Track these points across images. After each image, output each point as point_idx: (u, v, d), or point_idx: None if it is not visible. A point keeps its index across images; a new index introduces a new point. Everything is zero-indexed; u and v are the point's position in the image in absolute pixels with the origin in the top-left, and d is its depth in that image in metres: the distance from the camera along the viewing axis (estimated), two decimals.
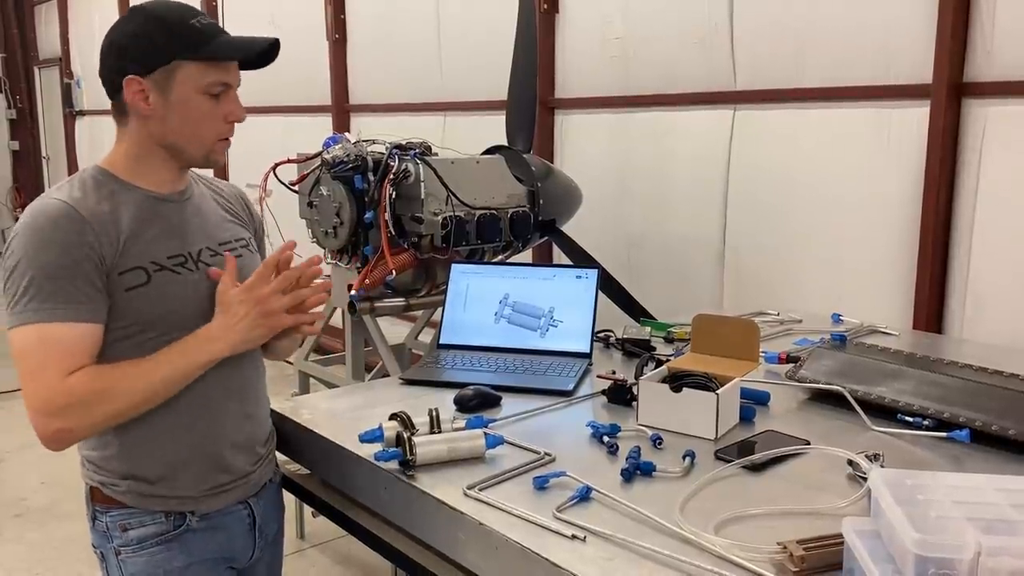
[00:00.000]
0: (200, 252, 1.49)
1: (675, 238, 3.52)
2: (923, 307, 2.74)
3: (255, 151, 3.17)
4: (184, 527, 1.49)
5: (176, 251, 1.46)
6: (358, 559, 3.28)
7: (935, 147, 2.67)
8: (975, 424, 1.57)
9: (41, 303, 1.33)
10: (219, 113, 1.44)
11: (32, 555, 3.35)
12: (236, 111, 1.46)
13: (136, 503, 1.48)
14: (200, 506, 1.51)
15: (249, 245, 1.62)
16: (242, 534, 1.58)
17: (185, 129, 1.43)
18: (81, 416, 1.35)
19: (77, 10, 8.97)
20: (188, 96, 1.40)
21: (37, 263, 1.34)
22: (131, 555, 1.48)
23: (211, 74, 1.41)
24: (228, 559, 1.57)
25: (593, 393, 1.85)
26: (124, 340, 1.41)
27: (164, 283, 1.42)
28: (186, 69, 1.39)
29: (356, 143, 2.79)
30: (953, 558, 0.92)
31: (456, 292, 2.19)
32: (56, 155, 9.96)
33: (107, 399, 1.35)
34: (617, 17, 3.61)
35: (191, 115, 1.41)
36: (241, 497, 1.57)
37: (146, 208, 1.45)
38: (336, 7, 5.16)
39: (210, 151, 1.47)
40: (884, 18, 2.79)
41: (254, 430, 1.59)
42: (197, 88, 1.40)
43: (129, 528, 1.48)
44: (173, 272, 1.44)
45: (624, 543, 1.19)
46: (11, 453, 4.33)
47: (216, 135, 1.45)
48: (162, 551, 1.48)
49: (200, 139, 1.44)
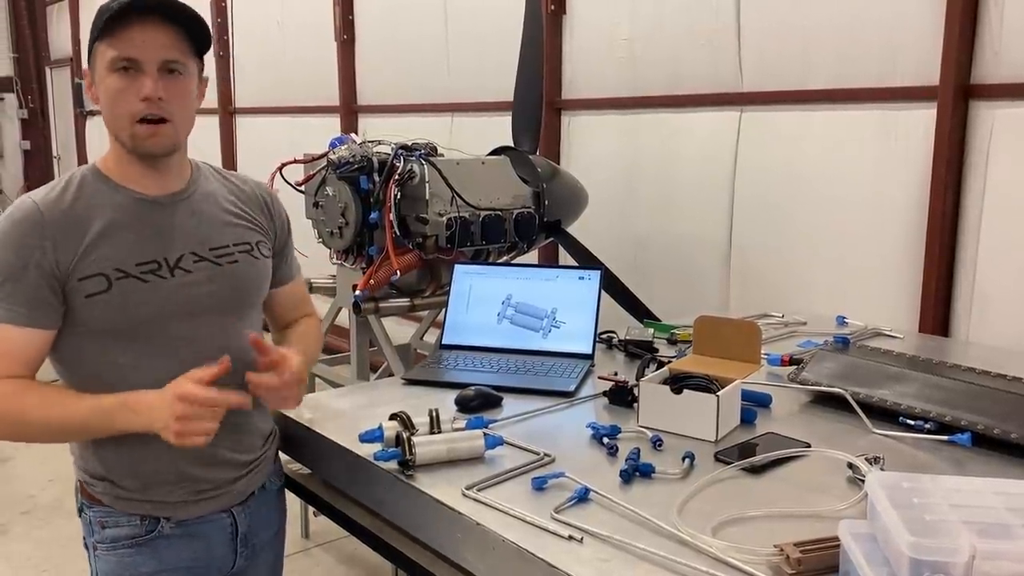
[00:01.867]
0: (181, 258, 1.46)
1: (681, 239, 3.51)
2: (929, 309, 2.73)
3: (262, 151, 3.19)
4: (156, 533, 1.48)
5: (149, 257, 1.43)
6: (362, 558, 3.29)
7: (942, 149, 2.66)
8: (977, 428, 1.56)
9: None
10: (131, 91, 1.38)
11: (39, 552, 3.37)
12: (145, 87, 1.37)
13: (112, 504, 1.48)
14: (177, 513, 1.49)
15: (253, 250, 1.56)
16: (222, 543, 1.55)
17: (106, 112, 1.42)
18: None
19: (88, 11, 9.01)
20: (103, 77, 1.40)
21: None
22: (104, 553, 1.49)
23: (111, 50, 1.37)
24: (204, 568, 1.54)
25: (594, 394, 1.85)
26: (91, 343, 1.42)
27: (127, 291, 1.40)
28: (98, 51, 1.40)
29: (362, 144, 2.80)
30: (948, 561, 0.91)
31: (459, 293, 2.19)
32: (67, 154, 10.03)
33: (15, 422, 1.37)
34: (624, 18, 3.61)
35: (105, 95, 1.40)
36: (224, 506, 1.54)
37: (127, 211, 1.43)
38: (344, 8, 5.18)
39: (132, 134, 1.40)
40: (891, 19, 2.78)
41: (240, 440, 1.54)
42: (105, 66, 1.39)
43: (106, 526, 1.48)
44: (139, 280, 1.41)
45: (621, 544, 1.19)
46: (19, 450, 4.36)
47: (129, 114, 1.39)
48: (132, 554, 1.48)
49: (117, 120, 1.41)
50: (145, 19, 1.37)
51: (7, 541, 3.48)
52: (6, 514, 3.69)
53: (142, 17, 1.37)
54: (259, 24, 5.78)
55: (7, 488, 3.98)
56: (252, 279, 1.57)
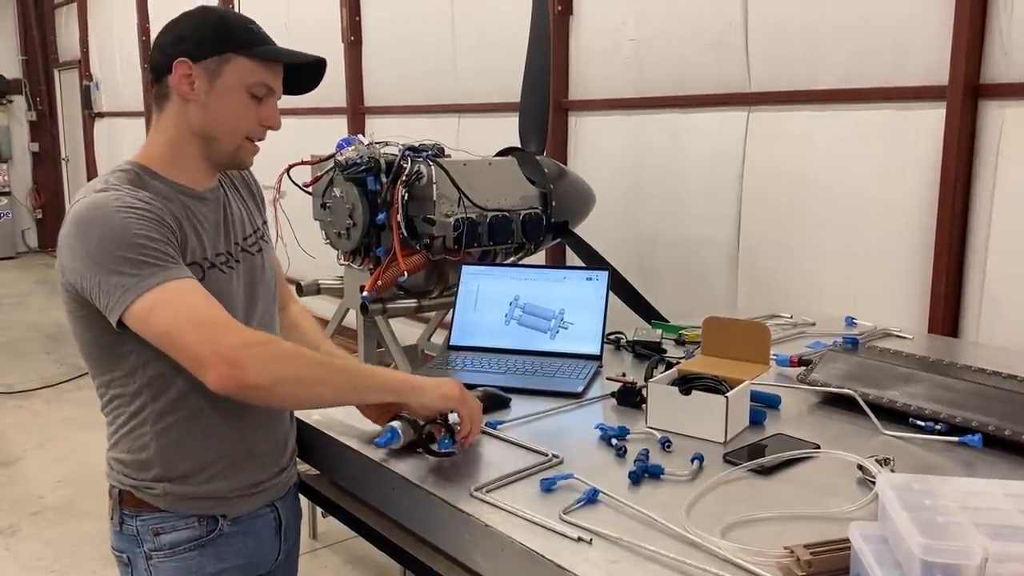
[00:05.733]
0: (235, 249, 1.52)
1: (689, 240, 3.51)
2: (938, 310, 2.71)
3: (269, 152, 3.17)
4: (217, 531, 1.49)
5: (221, 248, 1.48)
6: (370, 559, 3.29)
7: (951, 149, 2.65)
8: (988, 429, 1.55)
9: (159, 264, 1.31)
10: (257, 114, 1.45)
11: (48, 553, 3.38)
12: (273, 117, 1.48)
13: (170, 506, 1.47)
14: (232, 509, 1.51)
15: (265, 235, 1.63)
16: (269, 537, 1.59)
17: (222, 118, 1.44)
18: (274, 362, 1.32)
19: (96, 13, 9.06)
20: (233, 88, 1.42)
21: (128, 237, 1.30)
22: (163, 560, 1.48)
23: (259, 74, 1.43)
24: (256, 564, 1.57)
25: (602, 395, 1.84)
26: None
27: (216, 281, 1.44)
28: (236, 63, 1.42)
29: (369, 145, 2.81)
30: (960, 564, 0.91)
31: (466, 294, 2.19)
32: (75, 156, 10.07)
33: (305, 365, 1.37)
34: (631, 19, 3.61)
35: (231, 106, 1.43)
36: (270, 499, 1.57)
37: (188, 205, 1.46)
38: (351, 9, 5.19)
39: (240, 147, 1.47)
40: (899, 19, 2.77)
41: (285, 429, 1.61)
42: (243, 83, 1.43)
43: (162, 532, 1.47)
44: (221, 271, 1.46)
45: (630, 546, 1.19)
46: (29, 451, 4.38)
47: (246, 132, 1.46)
48: (195, 556, 1.48)
49: (233, 132, 1.45)
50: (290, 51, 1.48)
51: (16, 541, 3.49)
52: (15, 515, 3.70)
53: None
54: (265, 27, 5.77)
55: (16, 489, 3.99)
56: (272, 261, 1.64)
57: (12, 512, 3.73)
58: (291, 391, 1.36)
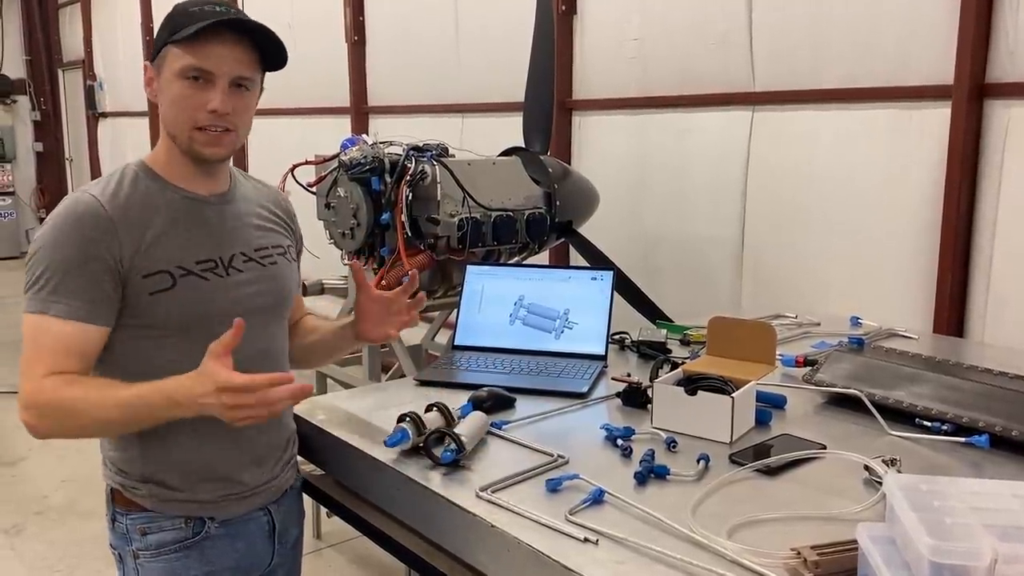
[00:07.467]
0: (233, 258, 1.49)
1: (693, 239, 3.50)
2: (944, 310, 2.71)
3: (274, 152, 3.19)
4: (203, 534, 1.49)
5: (206, 256, 1.46)
6: (375, 559, 3.29)
7: (956, 149, 2.64)
8: (994, 429, 1.55)
9: (48, 294, 1.35)
10: (198, 101, 1.41)
11: (53, 552, 3.39)
12: (214, 100, 1.39)
13: (156, 507, 1.47)
14: (220, 512, 1.50)
15: (287, 253, 1.61)
16: (261, 541, 1.58)
17: (169, 112, 1.43)
18: (43, 418, 1.35)
19: (100, 13, 9.07)
20: (170, 79, 1.41)
21: (53, 255, 1.36)
22: (149, 560, 1.48)
23: (184, 58, 1.39)
24: (247, 567, 1.56)
25: (608, 395, 1.84)
26: (145, 340, 1.42)
27: (189, 288, 1.42)
28: (170, 53, 1.41)
29: (373, 145, 2.81)
30: (968, 565, 0.91)
31: (471, 293, 2.19)
32: (79, 156, 10.08)
33: (66, 414, 1.35)
34: (635, 18, 3.60)
35: (172, 98, 1.42)
36: (262, 503, 1.56)
37: (182, 209, 1.45)
38: (355, 9, 5.19)
39: (191, 138, 1.43)
40: (904, 18, 2.76)
41: (277, 435, 1.59)
42: (174, 71, 1.40)
43: (148, 532, 1.48)
44: (200, 278, 1.44)
45: (636, 546, 1.19)
46: (33, 451, 4.38)
47: (191, 122, 1.41)
48: (180, 558, 1.48)
49: (178, 124, 1.43)
50: (223, 32, 1.40)
51: (21, 541, 3.50)
52: (20, 514, 3.71)
53: (218, 28, 1.39)
54: (269, 26, 5.79)
55: (21, 489, 4.00)
56: (289, 280, 1.61)
57: (16, 512, 3.74)
58: (70, 435, 1.43)
